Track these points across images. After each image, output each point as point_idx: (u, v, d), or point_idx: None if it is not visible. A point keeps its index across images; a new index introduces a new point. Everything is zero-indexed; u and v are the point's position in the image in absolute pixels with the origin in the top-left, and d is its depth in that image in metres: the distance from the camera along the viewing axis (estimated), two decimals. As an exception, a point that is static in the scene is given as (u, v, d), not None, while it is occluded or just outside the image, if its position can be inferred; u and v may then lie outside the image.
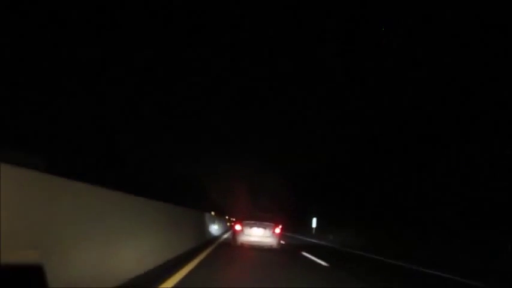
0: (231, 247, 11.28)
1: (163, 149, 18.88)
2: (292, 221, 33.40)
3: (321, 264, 8.08)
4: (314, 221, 31.49)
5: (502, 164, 10.46)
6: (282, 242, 13.02)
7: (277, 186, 29.59)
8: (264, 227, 11.49)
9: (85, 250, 3.12)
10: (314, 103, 13.91)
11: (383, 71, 11.38)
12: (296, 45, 10.31)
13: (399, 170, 15.04)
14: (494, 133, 10.89)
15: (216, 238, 15.39)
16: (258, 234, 11.49)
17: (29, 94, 10.72)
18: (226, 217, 34.29)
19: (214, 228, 17.97)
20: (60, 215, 2.75)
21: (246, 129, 17.67)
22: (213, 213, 28.77)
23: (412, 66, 11.15)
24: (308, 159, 23.51)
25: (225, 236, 18.05)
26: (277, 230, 11.52)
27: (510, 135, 10.32)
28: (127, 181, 12.09)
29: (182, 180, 22.85)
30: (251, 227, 11.54)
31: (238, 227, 11.81)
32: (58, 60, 10.89)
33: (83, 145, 11.75)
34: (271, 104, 14.21)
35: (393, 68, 11.20)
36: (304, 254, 10.76)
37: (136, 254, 4.74)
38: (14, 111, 10.08)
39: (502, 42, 9.38)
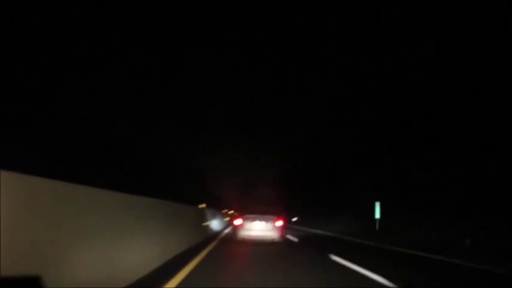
0: (232, 243, 10.75)
1: (164, 142, 18.76)
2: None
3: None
4: (377, 208, 16.26)
5: (503, 164, 10.44)
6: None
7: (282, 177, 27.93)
8: (265, 220, 11.01)
9: (87, 254, 3.09)
10: (314, 103, 13.84)
11: (383, 71, 11.33)
12: (296, 45, 10.26)
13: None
14: (494, 133, 10.87)
15: (217, 234, 15.04)
16: (259, 228, 10.99)
17: (27, 93, 10.69)
18: (228, 211, 33.81)
19: (215, 224, 17.69)
20: (61, 221, 2.72)
21: (250, 126, 17.57)
22: (223, 210, 28.24)
23: (412, 66, 11.11)
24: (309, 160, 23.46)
25: (226, 231, 17.78)
26: (279, 223, 11.25)
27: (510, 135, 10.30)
28: (126, 178, 12.05)
29: (183, 175, 22.65)
30: (252, 221, 10.97)
31: (238, 222, 11.25)
32: (57, 59, 10.85)
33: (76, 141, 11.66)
34: (271, 104, 14.17)
35: (393, 68, 11.16)
36: None
37: (140, 255, 4.72)
38: (12, 110, 10.06)
39: (502, 42, 9.35)
